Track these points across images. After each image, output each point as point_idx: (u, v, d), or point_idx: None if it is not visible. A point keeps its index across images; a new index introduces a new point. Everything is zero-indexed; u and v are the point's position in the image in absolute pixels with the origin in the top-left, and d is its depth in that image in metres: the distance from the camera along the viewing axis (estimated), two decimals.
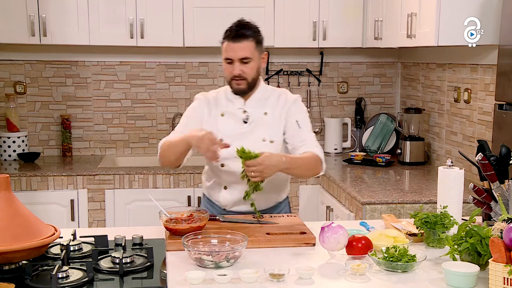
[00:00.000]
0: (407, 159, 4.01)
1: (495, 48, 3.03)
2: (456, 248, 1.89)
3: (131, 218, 3.83)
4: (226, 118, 2.55)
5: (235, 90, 2.52)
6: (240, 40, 2.43)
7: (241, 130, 2.53)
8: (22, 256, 1.85)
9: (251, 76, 2.49)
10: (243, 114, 2.54)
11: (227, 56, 2.46)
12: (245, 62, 2.45)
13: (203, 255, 1.91)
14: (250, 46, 2.45)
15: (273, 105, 2.58)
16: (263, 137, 2.53)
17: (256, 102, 2.56)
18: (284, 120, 2.57)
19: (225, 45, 2.46)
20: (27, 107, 4.32)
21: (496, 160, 2.21)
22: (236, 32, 2.43)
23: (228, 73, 2.49)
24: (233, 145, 2.46)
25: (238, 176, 2.46)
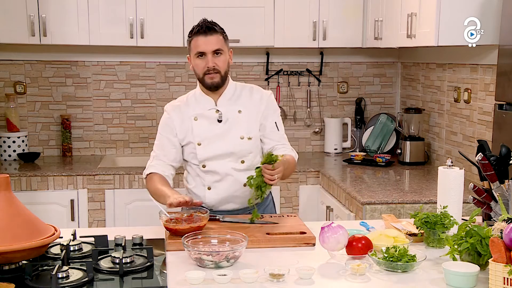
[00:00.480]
0: (407, 159, 4.01)
1: (495, 48, 3.03)
2: (456, 248, 1.89)
3: (131, 218, 3.83)
4: (200, 121, 2.55)
5: (208, 84, 2.50)
6: (211, 33, 2.46)
7: (217, 130, 2.53)
8: (22, 256, 1.85)
9: (223, 69, 2.50)
10: (216, 113, 2.54)
11: (200, 50, 2.46)
12: (218, 53, 2.47)
13: (203, 255, 1.91)
14: (220, 40, 2.49)
15: (246, 103, 2.58)
16: (241, 134, 2.54)
17: (227, 100, 2.56)
18: (261, 119, 2.59)
19: (196, 40, 2.47)
20: (27, 107, 4.32)
21: (496, 160, 2.21)
22: (207, 26, 2.47)
23: (201, 68, 2.49)
24: (212, 146, 2.52)
25: (218, 175, 2.53)
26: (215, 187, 2.56)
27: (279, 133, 2.64)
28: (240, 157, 2.54)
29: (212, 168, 2.54)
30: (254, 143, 2.57)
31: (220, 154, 2.52)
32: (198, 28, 2.48)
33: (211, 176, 2.55)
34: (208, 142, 2.52)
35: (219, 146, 2.52)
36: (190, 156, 2.57)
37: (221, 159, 2.53)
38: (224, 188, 2.55)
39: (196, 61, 2.50)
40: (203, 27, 2.47)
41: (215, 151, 2.52)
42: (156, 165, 2.54)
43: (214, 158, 2.53)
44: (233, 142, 2.53)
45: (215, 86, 2.52)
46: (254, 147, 2.58)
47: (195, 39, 2.48)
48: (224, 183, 2.55)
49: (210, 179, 2.56)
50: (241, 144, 2.54)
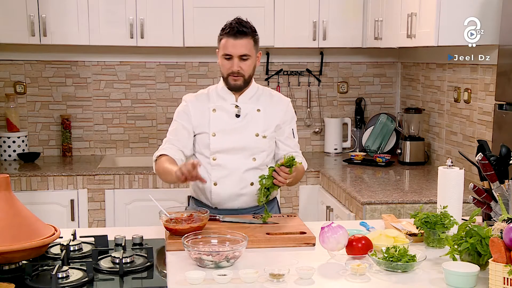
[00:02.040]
0: (407, 159, 4.01)
1: (495, 48, 3.03)
2: (456, 248, 1.89)
3: (131, 218, 3.83)
4: (218, 113, 2.57)
5: (231, 85, 2.55)
6: (241, 37, 2.46)
7: (234, 124, 2.56)
8: (22, 256, 1.85)
9: (248, 73, 2.53)
10: (235, 108, 2.57)
11: (227, 52, 2.48)
12: (244, 59, 2.49)
13: (203, 255, 1.91)
14: (249, 44, 2.49)
15: (265, 104, 2.61)
16: (256, 131, 2.56)
17: (248, 99, 2.59)
18: (279, 121, 2.61)
19: (225, 41, 2.49)
20: (27, 107, 4.32)
21: (496, 160, 2.21)
22: (238, 29, 2.46)
23: (226, 69, 2.52)
24: (227, 139, 2.54)
25: (227, 170, 2.54)
26: (221, 183, 2.56)
27: (295, 141, 2.70)
28: (252, 154, 2.55)
29: (222, 162, 2.54)
30: (268, 142, 2.59)
31: (233, 148, 2.54)
32: (229, 29, 2.48)
33: (219, 171, 2.55)
34: (223, 134, 2.54)
35: (233, 140, 2.54)
36: (202, 147, 2.57)
37: (233, 154, 2.54)
38: (231, 184, 2.55)
39: (222, 60, 2.52)
40: (234, 29, 2.46)
41: (228, 144, 2.54)
42: (167, 148, 2.55)
43: (226, 151, 2.54)
44: (248, 138, 2.55)
45: (237, 88, 2.55)
46: (267, 147, 2.59)
47: (224, 39, 2.49)
48: (232, 179, 2.55)
49: (217, 174, 2.56)
50: (255, 141, 2.56)
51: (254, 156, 2.56)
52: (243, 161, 2.55)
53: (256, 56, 2.55)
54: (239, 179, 2.55)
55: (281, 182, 2.36)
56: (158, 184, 3.84)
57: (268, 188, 2.38)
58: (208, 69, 4.45)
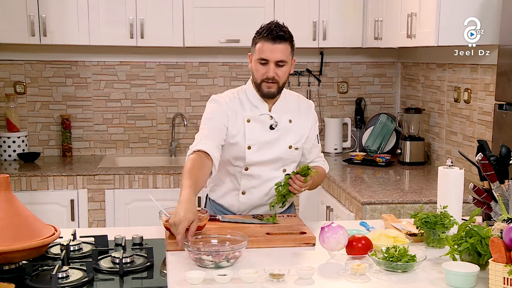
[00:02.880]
0: (407, 159, 4.01)
1: (495, 48, 3.03)
2: (456, 248, 1.89)
3: (131, 218, 3.83)
4: (253, 124, 2.46)
5: (264, 92, 2.43)
6: (279, 42, 2.35)
7: (269, 137, 2.47)
8: (22, 256, 1.85)
9: (283, 80, 2.41)
10: (270, 120, 2.48)
11: (264, 57, 2.36)
12: (280, 65, 2.38)
13: (203, 255, 1.91)
14: (287, 50, 2.38)
15: (294, 112, 2.53)
16: (290, 144, 2.50)
17: (280, 108, 2.50)
18: (308, 131, 2.56)
19: (262, 45, 2.36)
20: (27, 107, 4.32)
21: (496, 160, 2.21)
22: (277, 33, 2.35)
23: (261, 74, 2.39)
24: (262, 152, 2.47)
25: (258, 180, 2.49)
26: (250, 192, 2.52)
27: (319, 146, 2.66)
28: (283, 165, 2.51)
29: (253, 173, 2.48)
30: (299, 153, 2.55)
31: (268, 160, 2.48)
32: (268, 33, 2.35)
33: (249, 181, 2.50)
34: (259, 147, 2.45)
35: (268, 153, 2.47)
36: (234, 157, 2.47)
37: (266, 166, 2.48)
38: (260, 194, 2.51)
39: (257, 65, 2.40)
40: (274, 33, 2.34)
41: (263, 157, 2.47)
42: (204, 144, 2.32)
43: (260, 164, 2.47)
44: (282, 151, 2.48)
45: (270, 96, 2.45)
46: (298, 157, 2.56)
47: (261, 43, 2.37)
48: (261, 189, 2.50)
49: (247, 184, 2.51)
50: (288, 153, 2.50)
51: (285, 167, 2.51)
52: (274, 173, 2.49)
53: (291, 62, 2.44)
54: (267, 190, 2.51)
55: (296, 190, 2.35)
56: (158, 184, 3.85)
57: (284, 195, 2.39)
58: (208, 69, 4.45)
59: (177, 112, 4.42)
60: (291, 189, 2.36)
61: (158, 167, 4.01)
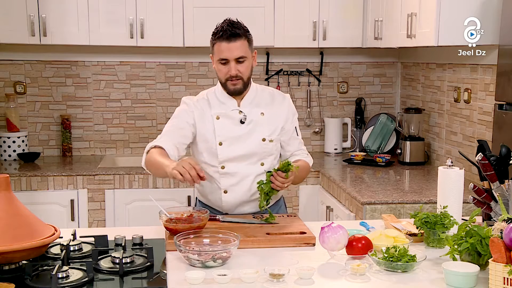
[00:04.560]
0: (407, 159, 4.01)
1: (495, 48, 3.03)
2: (456, 248, 1.89)
3: (131, 218, 3.83)
4: (222, 120, 2.50)
5: (231, 90, 2.48)
6: (234, 40, 2.39)
7: (240, 131, 2.50)
8: (22, 256, 1.85)
9: (246, 75, 2.46)
10: (240, 114, 2.51)
11: (223, 57, 2.41)
12: (241, 61, 2.42)
13: (190, 254, 1.91)
14: (244, 45, 2.42)
15: (267, 105, 2.56)
16: (263, 136, 2.52)
17: (250, 103, 2.53)
18: (283, 122, 2.57)
19: (219, 46, 2.42)
20: (27, 107, 4.32)
21: (496, 160, 2.21)
22: (231, 32, 2.39)
23: (223, 74, 2.45)
24: (234, 147, 2.48)
25: (236, 177, 2.50)
26: (232, 191, 2.52)
27: (298, 138, 2.66)
28: (260, 159, 2.52)
29: (231, 170, 2.50)
30: (275, 145, 2.56)
31: (241, 155, 2.49)
32: (222, 33, 2.40)
33: (228, 179, 2.51)
34: (230, 142, 2.48)
35: (241, 147, 2.49)
36: (208, 156, 2.51)
37: (242, 161, 2.50)
38: (242, 191, 2.52)
39: (218, 65, 2.45)
40: (227, 32, 2.39)
41: (236, 152, 2.48)
42: (163, 141, 2.43)
43: (234, 160, 2.49)
44: (255, 144, 2.50)
45: (237, 92, 2.49)
46: (274, 150, 2.56)
47: (218, 43, 2.42)
48: (241, 186, 2.51)
49: (226, 182, 2.52)
50: (262, 146, 2.51)
51: (262, 161, 2.52)
52: (252, 167, 2.51)
53: (252, 56, 2.48)
54: (249, 186, 2.51)
55: (279, 186, 2.35)
56: (158, 184, 3.84)
57: (267, 193, 2.38)
58: (208, 69, 4.45)
59: None
60: (273, 186, 2.35)
61: None
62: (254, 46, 2.37)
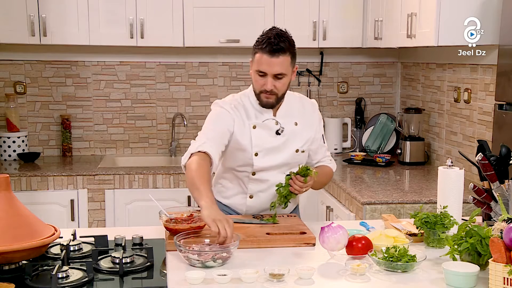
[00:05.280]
0: (407, 159, 4.01)
1: (495, 48, 3.03)
2: (456, 248, 1.89)
3: (131, 218, 3.83)
4: (259, 130, 2.43)
5: (263, 103, 2.40)
6: (277, 55, 2.28)
7: (275, 142, 2.45)
8: (22, 256, 1.85)
9: (282, 91, 2.38)
10: (276, 125, 2.45)
11: (262, 69, 2.31)
12: (279, 77, 2.32)
13: (189, 254, 1.91)
14: (286, 62, 2.31)
15: (299, 114, 2.51)
16: (297, 148, 2.49)
17: (285, 112, 2.48)
18: (314, 133, 2.54)
19: (260, 57, 2.30)
20: (27, 107, 4.32)
21: (496, 160, 2.21)
22: (276, 46, 2.27)
23: (259, 85, 2.35)
24: (269, 157, 2.45)
25: (265, 184, 2.48)
26: (258, 196, 2.50)
27: (325, 146, 2.63)
28: (290, 168, 2.49)
29: (261, 177, 2.47)
30: (305, 155, 2.54)
31: (275, 166, 2.47)
32: (267, 45, 2.28)
33: (257, 185, 2.49)
34: (266, 153, 2.44)
35: (275, 158, 2.45)
36: (241, 163, 2.45)
37: (273, 170, 2.47)
38: (268, 197, 2.49)
39: (255, 76, 2.36)
40: (272, 46, 2.27)
41: (271, 163, 2.45)
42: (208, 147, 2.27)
43: (267, 169, 2.46)
44: (289, 155, 2.47)
45: (269, 106, 2.41)
46: (304, 159, 2.54)
47: (259, 54, 2.30)
48: (269, 193, 2.49)
49: (254, 188, 2.49)
50: (295, 157, 2.49)
51: (292, 169, 2.48)
52: (281, 176, 2.46)
53: (292, 71, 2.38)
54: (275, 193, 2.46)
55: (297, 190, 2.34)
56: (158, 184, 3.85)
57: (286, 196, 2.38)
58: (208, 69, 4.45)
59: (177, 112, 4.41)
60: (292, 190, 2.35)
61: (158, 167, 4.01)
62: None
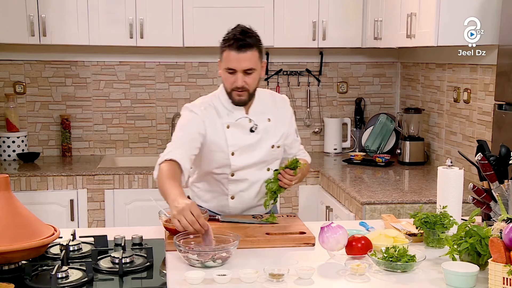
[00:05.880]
0: (407, 159, 4.01)
1: (494, 48, 3.03)
2: (456, 248, 1.89)
3: (131, 218, 3.83)
4: (232, 129, 2.43)
5: (235, 101, 2.40)
6: (245, 50, 2.29)
7: (251, 140, 2.45)
8: (21, 256, 1.85)
9: (253, 87, 2.38)
10: (250, 123, 2.45)
11: (231, 66, 2.32)
12: (249, 73, 2.33)
13: (189, 254, 1.91)
14: (255, 57, 2.32)
15: (271, 110, 2.52)
16: (272, 144, 2.50)
17: (257, 109, 2.48)
18: (288, 127, 2.56)
19: (228, 54, 2.32)
20: (26, 107, 4.32)
21: (496, 160, 2.21)
22: (242, 42, 2.28)
23: (230, 83, 2.36)
24: (246, 156, 2.45)
25: (245, 184, 2.48)
26: (239, 196, 2.50)
27: (298, 140, 2.66)
28: (267, 165, 2.50)
29: (240, 177, 2.47)
30: (281, 150, 2.55)
31: (252, 163, 2.47)
32: (233, 41, 2.29)
33: (237, 185, 2.49)
34: (242, 151, 2.44)
35: (252, 156, 2.45)
36: (218, 165, 2.44)
37: (251, 168, 2.47)
38: (250, 196, 2.50)
39: (225, 74, 2.36)
40: (238, 42, 2.28)
41: (248, 161, 2.45)
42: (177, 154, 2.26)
43: (245, 168, 2.46)
44: (265, 152, 2.48)
45: (242, 104, 2.42)
46: (280, 154, 2.55)
47: (227, 52, 2.31)
48: (250, 192, 2.50)
49: (235, 188, 2.49)
50: (271, 153, 2.49)
51: (269, 166, 2.50)
52: (258, 173, 2.48)
53: (261, 67, 2.39)
54: (256, 191, 2.50)
55: (287, 184, 2.35)
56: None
57: (275, 191, 2.38)
58: (208, 69, 4.45)
59: (177, 112, 4.41)
60: (281, 184, 2.36)
61: None
62: None
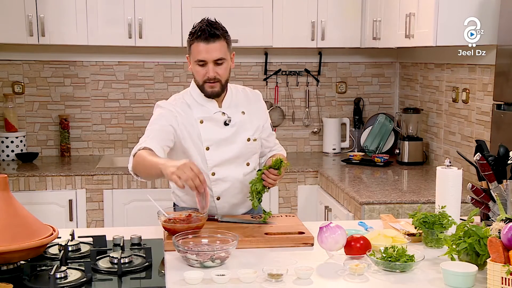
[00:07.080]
0: (406, 159, 4.01)
1: (493, 48, 3.03)
2: (454, 248, 1.89)
3: (130, 218, 3.83)
4: (206, 124, 2.42)
5: (209, 93, 2.39)
6: (213, 41, 2.30)
7: (225, 133, 2.44)
8: (20, 256, 1.85)
9: (225, 77, 2.39)
10: (223, 116, 2.44)
11: (201, 58, 2.32)
12: (219, 63, 2.34)
13: (188, 254, 1.91)
14: (223, 47, 2.34)
15: (245, 103, 2.52)
16: (248, 136, 2.49)
17: (230, 103, 2.48)
18: (263, 121, 2.57)
19: (197, 46, 2.32)
20: (25, 107, 4.31)
21: (494, 160, 2.21)
22: (210, 32, 2.30)
23: (201, 76, 2.36)
24: (222, 150, 2.45)
25: (228, 182, 2.48)
26: (224, 196, 2.50)
27: (274, 134, 2.68)
28: (246, 159, 2.50)
29: (221, 176, 2.46)
30: (258, 143, 2.55)
31: (229, 158, 2.45)
32: (200, 33, 2.30)
33: (220, 185, 2.48)
34: (217, 145, 2.43)
35: (228, 150, 2.45)
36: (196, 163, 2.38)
37: (229, 164, 2.46)
38: (234, 195, 2.50)
39: (196, 67, 2.36)
40: (206, 33, 2.29)
41: (224, 155, 2.44)
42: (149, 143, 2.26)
43: (223, 164, 2.45)
44: (241, 145, 2.47)
45: (215, 95, 2.42)
46: (257, 148, 2.55)
47: (195, 44, 2.32)
48: (233, 190, 2.49)
49: (219, 189, 2.48)
50: (248, 146, 2.49)
51: (248, 160, 2.50)
52: (239, 169, 2.48)
53: (230, 57, 2.40)
54: (240, 188, 2.49)
55: (271, 184, 2.35)
56: (157, 184, 3.84)
57: (259, 192, 2.37)
58: None
59: None
60: (265, 184, 2.35)
61: None
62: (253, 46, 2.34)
